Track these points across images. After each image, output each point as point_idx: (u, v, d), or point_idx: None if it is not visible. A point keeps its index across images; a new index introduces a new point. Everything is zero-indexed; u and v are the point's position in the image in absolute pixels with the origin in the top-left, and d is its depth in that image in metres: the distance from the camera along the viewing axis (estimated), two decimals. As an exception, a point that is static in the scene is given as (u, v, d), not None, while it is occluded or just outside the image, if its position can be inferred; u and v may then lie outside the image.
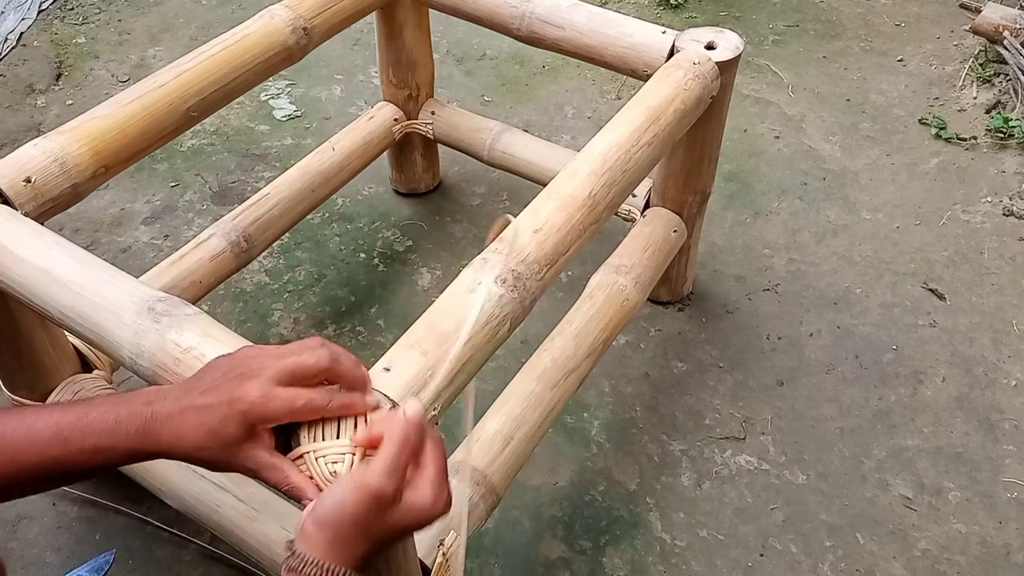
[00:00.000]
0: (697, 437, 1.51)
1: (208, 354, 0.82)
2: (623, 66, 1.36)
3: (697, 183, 1.50)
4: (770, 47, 2.44)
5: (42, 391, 1.24)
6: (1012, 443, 1.50)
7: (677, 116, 1.20)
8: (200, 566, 1.34)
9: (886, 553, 1.36)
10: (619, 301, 1.40)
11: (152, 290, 0.90)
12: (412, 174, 1.93)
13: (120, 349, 0.88)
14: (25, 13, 2.51)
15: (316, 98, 2.25)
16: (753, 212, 1.94)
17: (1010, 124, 2.09)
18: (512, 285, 0.92)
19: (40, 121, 2.16)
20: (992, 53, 2.30)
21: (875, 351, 1.65)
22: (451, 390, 0.83)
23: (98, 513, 1.39)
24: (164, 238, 1.86)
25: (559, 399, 1.26)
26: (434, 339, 0.85)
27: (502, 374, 1.58)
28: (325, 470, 0.71)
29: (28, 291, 0.95)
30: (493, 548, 1.36)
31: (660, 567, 1.34)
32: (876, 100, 2.25)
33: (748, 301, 1.74)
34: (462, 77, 2.33)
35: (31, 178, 1.06)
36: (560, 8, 1.40)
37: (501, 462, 1.17)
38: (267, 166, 2.05)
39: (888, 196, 1.98)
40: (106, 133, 1.13)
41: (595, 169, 1.08)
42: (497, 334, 0.89)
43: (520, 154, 1.72)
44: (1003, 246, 1.85)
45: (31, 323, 1.15)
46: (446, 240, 1.87)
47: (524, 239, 0.97)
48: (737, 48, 1.31)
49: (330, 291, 1.76)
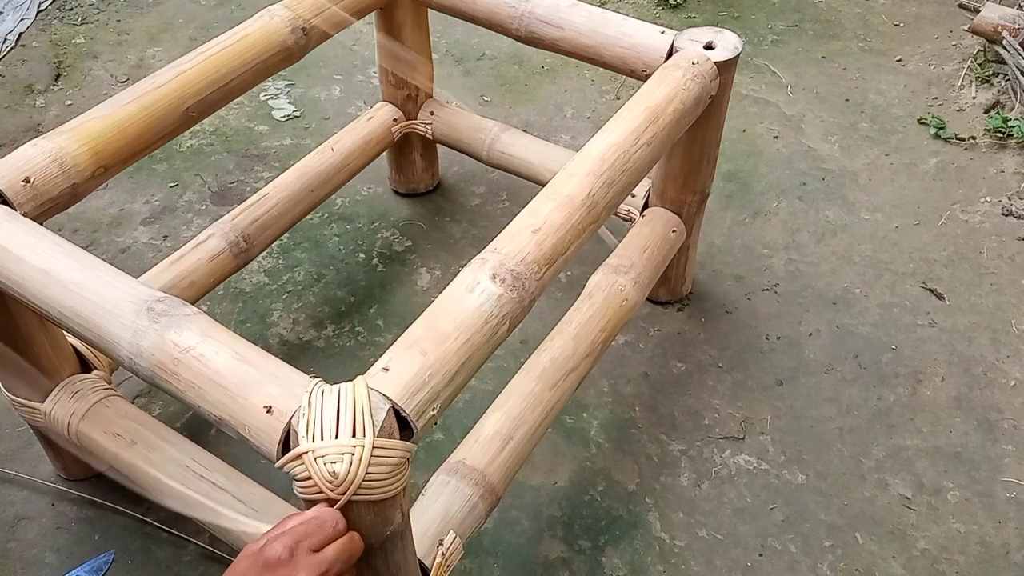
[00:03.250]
0: (696, 437, 1.51)
1: (206, 354, 0.82)
2: (622, 66, 1.36)
3: (696, 183, 1.50)
4: (769, 47, 2.44)
5: (41, 391, 1.24)
6: (1011, 443, 1.50)
7: (676, 116, 1.20)
8: (199, 566, 1.34)
9: (885, 553, 1.36)
10: (618, 301, 1.40)
11: (151, 290, 0.90)
12: (411, 174, 1.93)
13: (119, 349, 0.88)
14: (24, 13, 2.50)
15: (315, 98, 2.25)
16: (752, 212, 1.94)
17: (1009, 124, 2.09)
18: (511, 285, 0.91)
19: (39, 121, 2.16)
20: (991, 53, 2.30)
21: (874, 351, 1.65)
22: (450, 390, 0.83)
23: (97, 514, 1.39)
24: (163, 238, 1.86)
25: (558, 399, 1.26)
26: (433, 339, 0.85)
27: (502, 374, 1.58)
28: (324, 470, 0.71)
29: (27, 291, 0.94)
30: (492, 548, 1.36)
31: (659, 567, 1.34)
32: (875, 100, 2.25)
33: (747, 301, 1.75)
34: (461, 77, 2.33)
35: (30, 178, 1.06)
36: (559, 8, 1.40)
37: (500, 462, 1.17)
38: (266, 166, 2.05)
39: (887, 196, 1.98)
40: (105, 133, 1.13)
41: (594, 169, 1.07)
42: (496, 334, 0.89)
43: (519, 154, 1.72)
44: (1002, 246, 1.85)
45: (30, 323, 1.15)
46: (445, 240, 1.87)
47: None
48: (736, 48, 1.32)
49: (329, 291, 1.76)
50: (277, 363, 0.82)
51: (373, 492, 0.73)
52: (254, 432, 0.78)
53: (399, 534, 0.83)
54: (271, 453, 0.77)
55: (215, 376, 0.81)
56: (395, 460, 0.74)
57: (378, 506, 0.77)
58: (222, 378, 0.80)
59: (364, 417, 0.73)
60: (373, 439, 0.72)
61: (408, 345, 0.84)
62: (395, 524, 0.81)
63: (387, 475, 0.74)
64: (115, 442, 1.19)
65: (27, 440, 1.46)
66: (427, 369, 0.82)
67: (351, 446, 0.71)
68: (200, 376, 0.82)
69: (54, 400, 1.23)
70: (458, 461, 1.16)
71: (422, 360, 0.82)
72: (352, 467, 0.71)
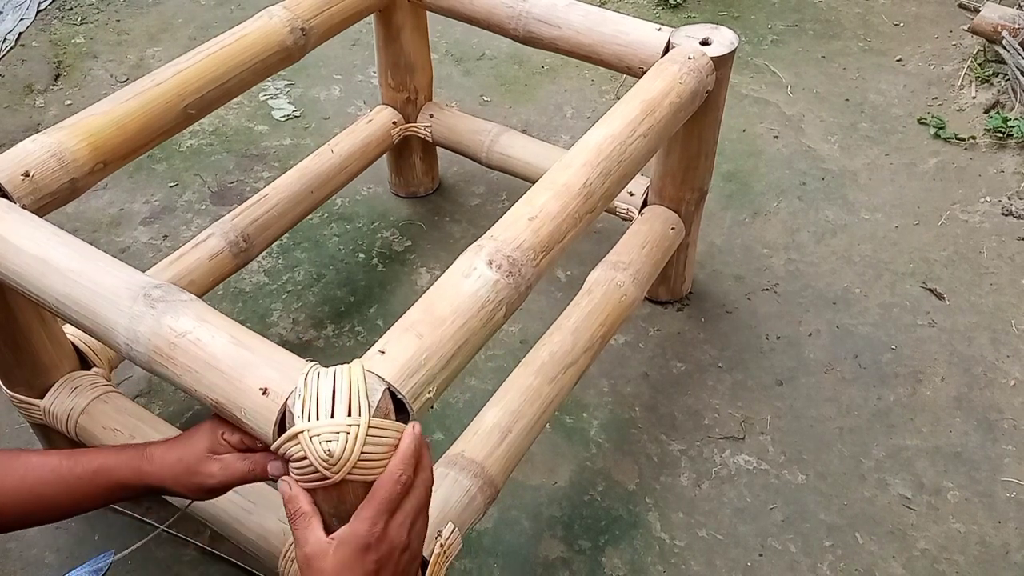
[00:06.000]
0: (696, 437, 1.51)
1: (203, 339, 0.82)
2: (619, 64, 1.37)
3: (694, 180, 1.50)
4: (769, 47, 2.45)
5: (40, 387, 1.24)
6: (1011, 443, 1.50)
7: (672, 109, 1.20)
8: (199, 566, 1.33)
9: (885, 553, 1.36)
10: (617, 297, 1.40)
11: (148, 278, 0.91)
12: (411, 177, 1.93)
13: (115, 335, 0.87)
14: (24, 13, 2.51)
15: (315, 98, 2.26)
16: (752, 212, 1.94)
17: (1009, 124, 2.09)
18: (507, 271, 0.92)
19: (39, 121, 2.16)
20: (991, 53, 2.30)
21: (874, 351, 1.65)
22: (446, 373, 0.83)
23: (97, 513, 1.39)
24: (163, 238, 1.86)
25: (557, 393, 1.26)
26: (430, 323, 0.85)
27: (501, 373, 1.57)
28: (320, 449, 0.71)
29: (25, 280, 0.95)
30: (492, 548, 1.36)
31: (659, 567, 1.34)
32: (875, 100, 2.25)
33: (747, 301, 1.74)
34: (461, 77, 2.34)
35: (30, 172, 1.06)
36: (556, 7, 1.40)
37: (499, 455, 1.17)
38: (266, 166, 2.05)
39: (887, 196, 1.98)
40: (104, 129, 1.13)
41: (590, 160, 1.08)
42: (492, 319, 0.89)
43: (518, 155, 1.72)
44: (1002, 246, 1.85)
45: (29, 318, 1.15)
46: (445, 240, 1.87)
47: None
48: (732, 44, 1.32)
49: (329, 291, 1.76)
50: (273, 347, 0.82)
51: (369, 472, 0.73)
52: (250, 414, 0.78)
53: None
54: (267, 435, 0.76)
55: (211, 360, 0.81)
56: (391, 441, 0.74)
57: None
58: (218, 362, 0.80)
59: (360, 397, 0.73)
60: (369, 419, 0.72)
61: (404, 328, 0.84)
62: None
63: (382, 455, 0.74)
64: (114, 438, 1.19)
65: (27, 439, 1.46)
66: (423, 352, 0.81)
67: (347, 425, 0.71)
68: (197, 360, 0.82)
69: (53, 396, 1.23)
70: (457, 453, 1.16)
71: (418, 343, 0.82)
72: (348, 446, 0.71)
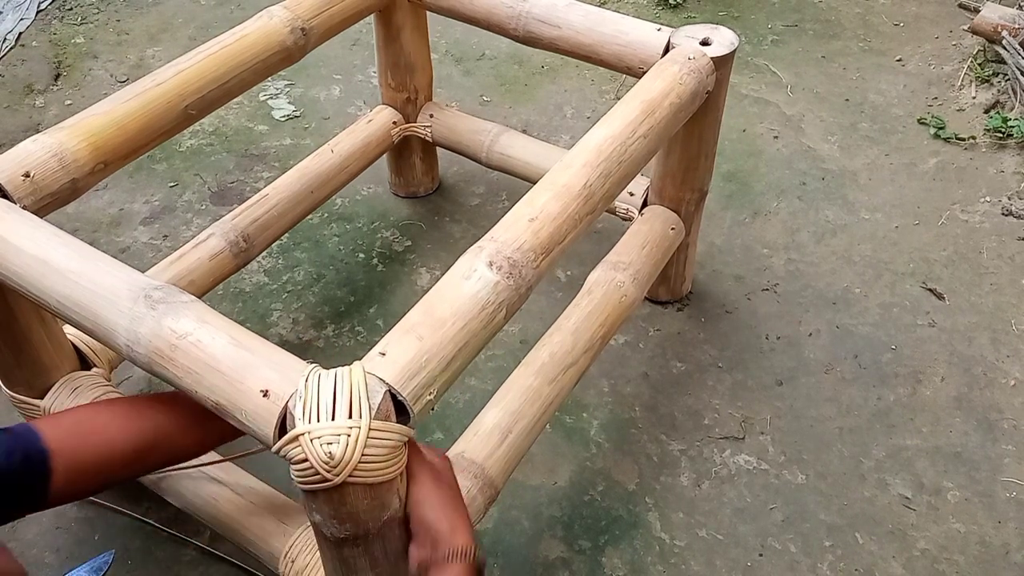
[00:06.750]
0: (696, 437, 1.51)
1: (203, 340, 0.82)
2: (619, 64, 1.36)
3: (694, 180, 1.50)
4: (769, 47, 2.45)
5: (40, 388, 1.24)
6: (1011, 443, 1.50)
7: (672, 109, 1.20)
8: (199, 566, 1.33)
9: (885, 553, 1.36)
10: (617, 297, 1.40)
11: (148, 279, 0.91)
12: (411, 178, 1.93)
13: (116, 336, 0.87)
14: (24, 13, 2.51)
15: (315, 98, 2.25)
16: (752, 212, 1.94)
17: (1009, 124, 2.09)
18: (508, 272, 0.92)
19: (39, 121, 2.16)
20: (991, 53, 2.30)
21: (874, 351, 1.65)
22: (447, 375, 0.83)
23: (97, 513, 1.39)
24: (163, 238, 1.86)
25: (557, 393, 1.26)
26: (430, 325, 0.85)
27: (501, 374, 1.57)
28: (320, 451, 0.71)
29: (26, 281, 0.95)
30: (492, 548, 1.36)
31: (659, 567, 1.34)
32: (875, 100, 2.25)
33: (747, 301, 1.74)
34: (461, 77, 2.34)
35: (30, 172, 1.06)
36: (556, 7, 1.40)
37: (499, 455, 1.17)
38: (266, 166, 2.05)
39: (887, 196, 1.98)
40: (105, 129, 1.13)
41: (590, 160, 1.08)
42: (493, 320, 0.89)
43: (518, 155, 1.72)
44: (1002, 246, 1.85)
45: (29, 319, 1.15)
46: (445, 240, 1.87)
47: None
48: (732, 44, 1.32)
49: (329, 291, 1.76)
50: (274, 348, 0.82)
51: (370, 474, 0.73)
52: (251, 416, 0.78)
53: (396, 521, 0.83)
54: (268, 437, 0.76)
55: (212, 361, 0.81)
56: (391, 443, 0.74)
57: (375, 489, 0.77)
58: (219, 363, 0.81)
59: (360, 399, 0.73)
60: (370, 421, 0.72)
61: (405, 331, 0.84)
62: (392, 510, 0.81)
63: (384, 458, 0.74)
64: (114, 439, 1.19)
65: (26, 439, 1.46)
66: (424, 354, 0.81)
67: (347, 427, 0.71)
68: (197, 362, 0.82)
69: (53, 397, 1.23)
70: (457, 454, 1.16)
71: (419, 345, 0.82)
72: (348, 448, 0.71)
